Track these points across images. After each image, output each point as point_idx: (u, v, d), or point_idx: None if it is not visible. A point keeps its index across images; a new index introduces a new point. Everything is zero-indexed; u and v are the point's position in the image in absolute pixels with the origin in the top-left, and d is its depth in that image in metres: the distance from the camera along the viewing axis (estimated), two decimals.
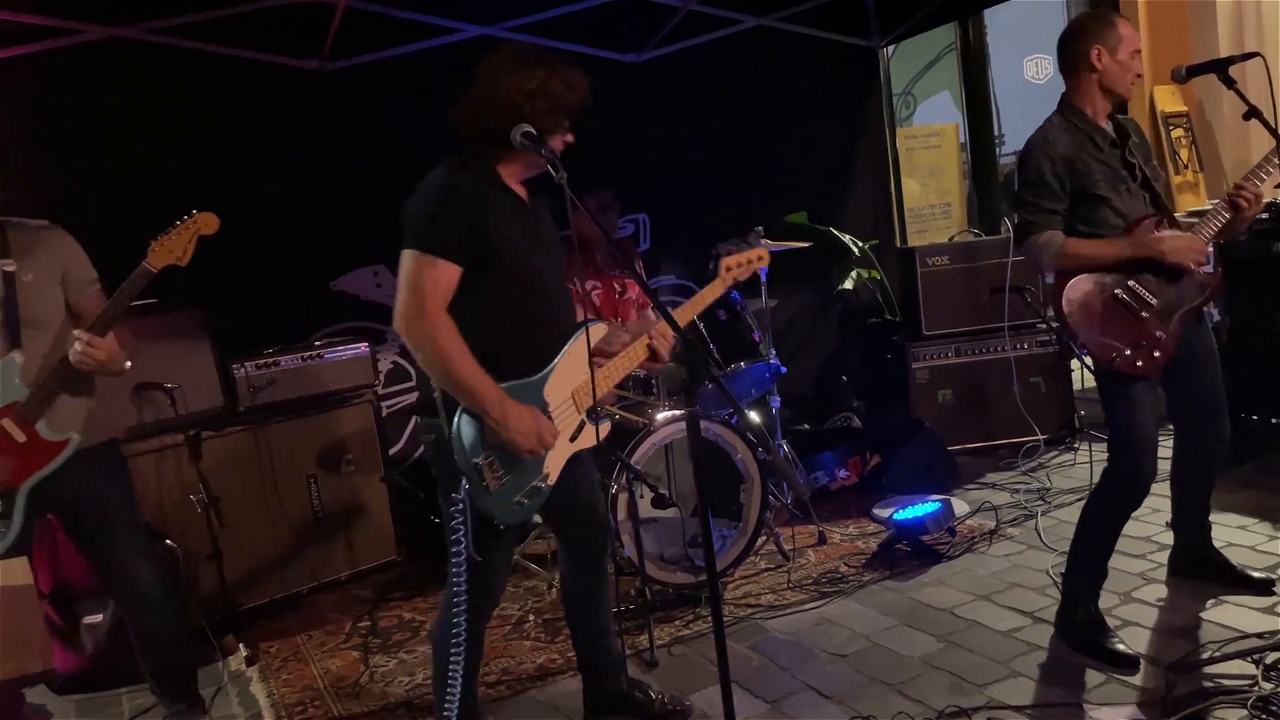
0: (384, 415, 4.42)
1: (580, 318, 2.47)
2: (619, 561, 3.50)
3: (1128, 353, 2.74)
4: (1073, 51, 2.83)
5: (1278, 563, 3.30)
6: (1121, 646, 2.80)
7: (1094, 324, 2.77)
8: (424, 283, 2.22)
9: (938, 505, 3.80)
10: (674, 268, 5.09)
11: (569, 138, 2.40)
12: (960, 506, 4.03)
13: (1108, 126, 2.86)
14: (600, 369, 2.45)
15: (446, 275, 2.24)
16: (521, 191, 2.44)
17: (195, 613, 3.39)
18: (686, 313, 2.70)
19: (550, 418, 2.37)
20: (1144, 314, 2.76)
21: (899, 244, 6.04)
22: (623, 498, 3.36)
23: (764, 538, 3.87)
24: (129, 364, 2.65)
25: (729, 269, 2.80)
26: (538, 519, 2.96)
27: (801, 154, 5.69)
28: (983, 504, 4.21)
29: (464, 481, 2.27)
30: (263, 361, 3.99)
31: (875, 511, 4.01)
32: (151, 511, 3.57)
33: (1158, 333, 2.75)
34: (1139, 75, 2.82)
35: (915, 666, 2.95)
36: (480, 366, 2.23)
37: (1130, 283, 2.76)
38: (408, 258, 2.25)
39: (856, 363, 5.77)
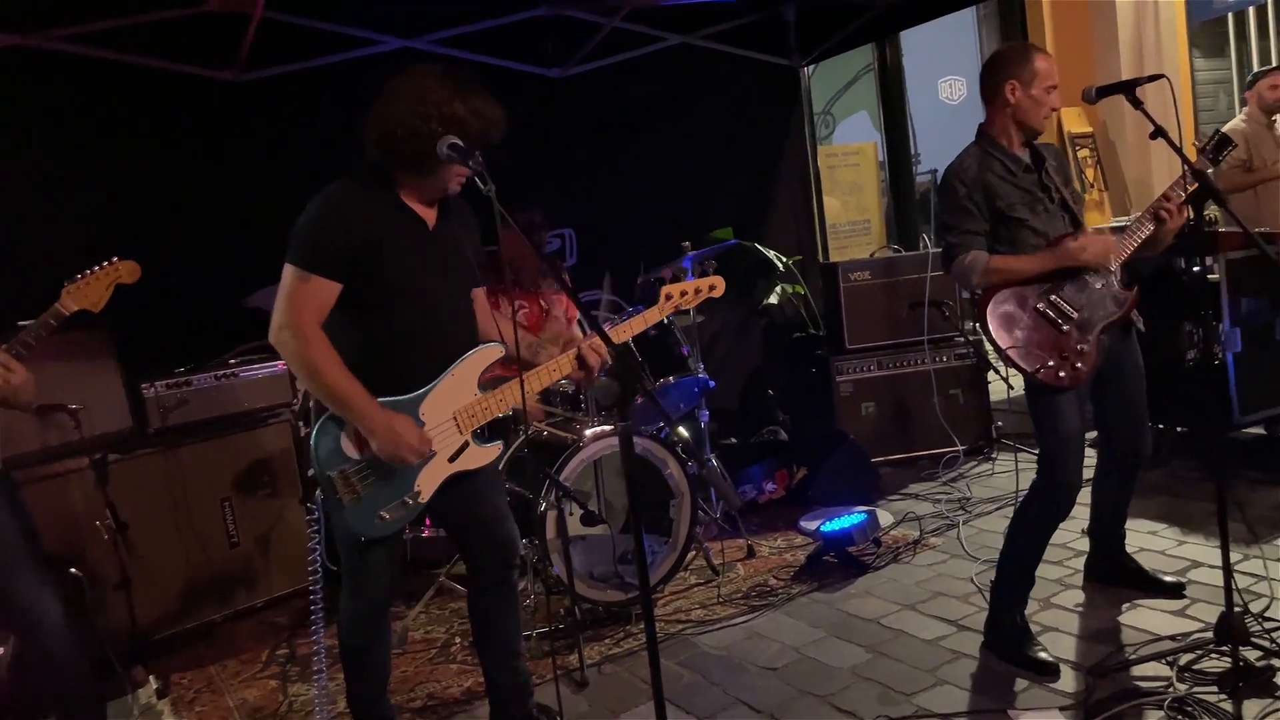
0: (303, 435, 4.29)
1: (495, 336, 2.50)
2: (548, 580, 3.45)
3: (1051, 364, 2.81)
4: (989, 84, 2.91)
5: (1187, 566, 3.42)
6: (1044, 655, 2.85)
7: (1018, 337, 2.84)
8: (297, 298, 2.26)
9: (863, 516, 3.84)
10: (601, 283, 5.07)
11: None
12: (885, 517, 4.09)
13: (1024, 154, 2.93)
14: (495, 392, 2.45)
15: (321, 292, 2.27)
16: (425, 212, 2.41)
17: (102, 644, 3.22)
18: (623, 333, 2.68)
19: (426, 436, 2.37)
20: (1065, 327, 2.83)
21: (822, 259, 6.13)
22: (552, 515, 3.32)
23: (694, 552, 3.86)
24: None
25: (669, 296, 2.79)
26: None
27: (726, 170, 5.74)
28: (906, 514, 4.28)
29: (318, 493, 2.30)
30: (174, 381, 3.84)
31: (803, 524, 4.04)
32: (55, 539, 3.38)
33: (1079, 345, 2.82)
34: (1055, 109, 2.88)
35: (844, 678, 2.97)
36: (351, 375, 2.26)
37: (1052, 297, 2.84)
38: (287, 272, 2.29)
39: (782, 376, 5.83)
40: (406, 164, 2.31)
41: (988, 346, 3.04)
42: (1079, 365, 2.81)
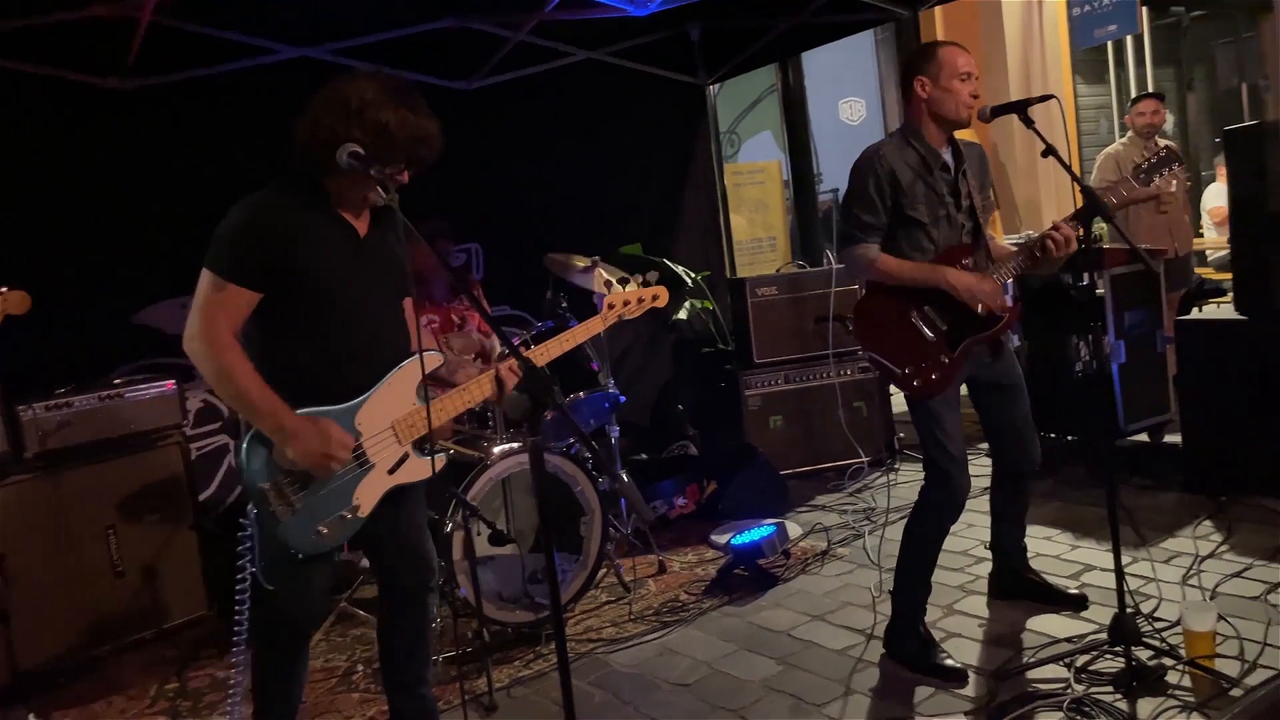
0: (193, 458, 4.11)
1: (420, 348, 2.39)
2: (454, 603, 3.37)
3: (906, 372, 2.85)
4: (905, 85, 2.98)
5: (1081, 569, 3.54)
6: (949, 661, 2.90)
7: (880, 340, 2.90)
8: (211, 305, 2.19)
9: (772, 529, 3.87)
10: (509, 298, 5.02)
11: (401, 177, 2.31)
12: (793, 529, 4.12)
13: (945, 152, 2.97)
14: (439, 399, 2.37)
15: (237, 299, 2.19)
16: (356, 220, 2.35)
17: None
18: (560, 346, 2.63)
19: (361, 447, 2.28)
20: (931, 337, 2.87)
21: (729, 275, 6.19)
22: (458, 536, 3.24)
23: (605, 570, 3.82)
24: None
25: (612, 306, 2.75)
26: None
27: (634, 186, 5.76)
28: (814, 526, 4.33)
29: (250, 507, 2.21)
30: (54, 402, 3.63)
31: (713, 538, 4.05)
32: None
33: (941, 356, 2.86)
34: (974, 96, 2.88)
35: (756, 691, 2.97)
36: (264, 383, 2.17)
37: (925, 306, 2.88)
38: (203, 277, 2.21)
39: (691, 391, 5.85)
40: (326, 171, 2.24)
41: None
42: (935, 376, 2.85)
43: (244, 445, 2.21)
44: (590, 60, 5.38)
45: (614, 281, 3.44)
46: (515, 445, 3.44)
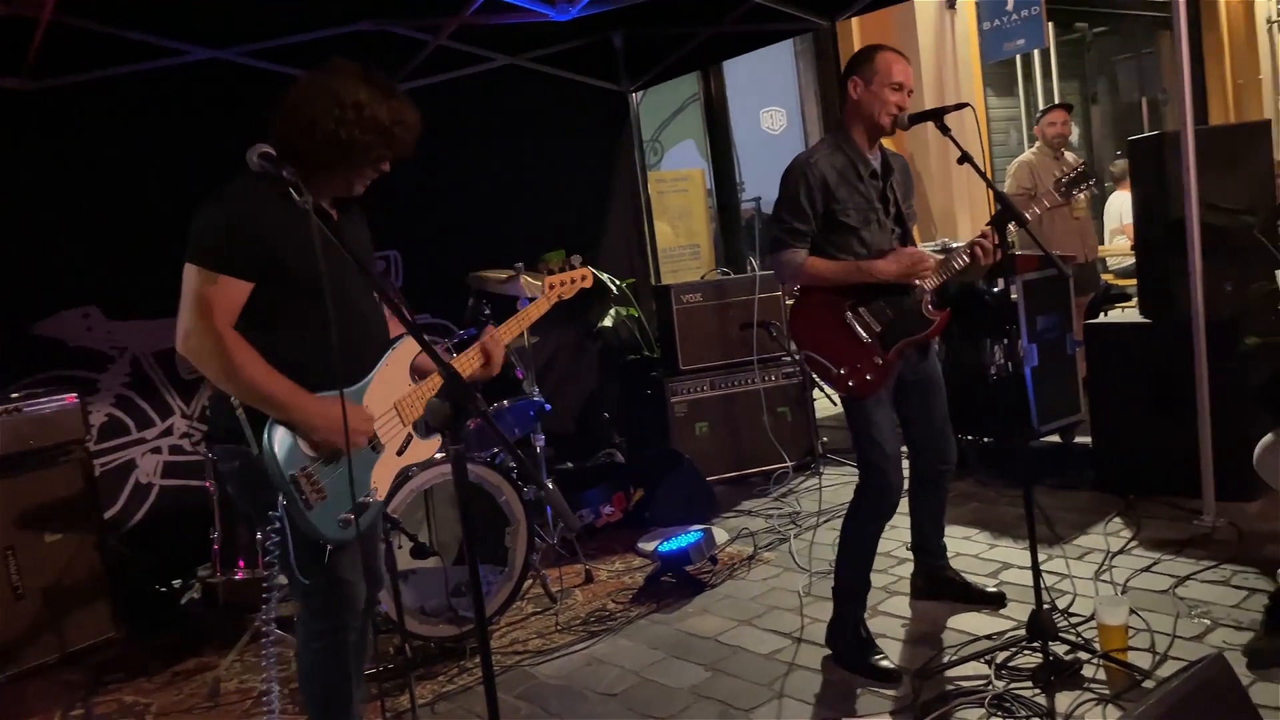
0: (97, 474, 3.93)
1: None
2: (375, 619, 3.27)
3: (841, 373, 2.90)
4: (842, 85, 3.02)
5: (999, 567, 3.63)
6: (886, 663, 2.94)
7: (817, 342, 2.94)
8: (205, 300, 2.10)
9: (699, 535, 3.87)
10: (429, 306, 4.92)
11: (384, 166, 2.32)
12: (720, 535, 4.13)
13: (874, 158, 3.03)
14: (428, 381, 2.38)
15: (230, 291, 2.12)
16: (330, 209, 2.32)
17: None
18: (511, 329, 2.59)
19: (373, 431, 2.27)
20: (866, 339, 2.93)
21: (654, 282, 6.20)
22: (379, 549, 3.15)
23: (530, 580, 3.77)
24: None
25: (552, 286, 2.76)
26: None
27: (557, 193, 5.72)
28: (741, 531, 4.35)
29: (280, 500, 2.13)
30: None
31: (640, 545, 4.03)
32: None
33: (876, 358, 2.92)
34: (900, 108, 2.93)
35: (684, 698, 2.96)
36: (273, 370, 2.13)
37: (860, 309, 2.94)
38: (189, 273, 2.12)
39: (617, 399, 5.83)
40: (314, 166, 2.19)
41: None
42: (869, 377, 2.90)
43: (268, 435, 2.13)
44: (512, 66, 5.34)
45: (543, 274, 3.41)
46: (438, 455, 3.36)
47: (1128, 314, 4.80)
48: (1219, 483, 3.74)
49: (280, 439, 2.15)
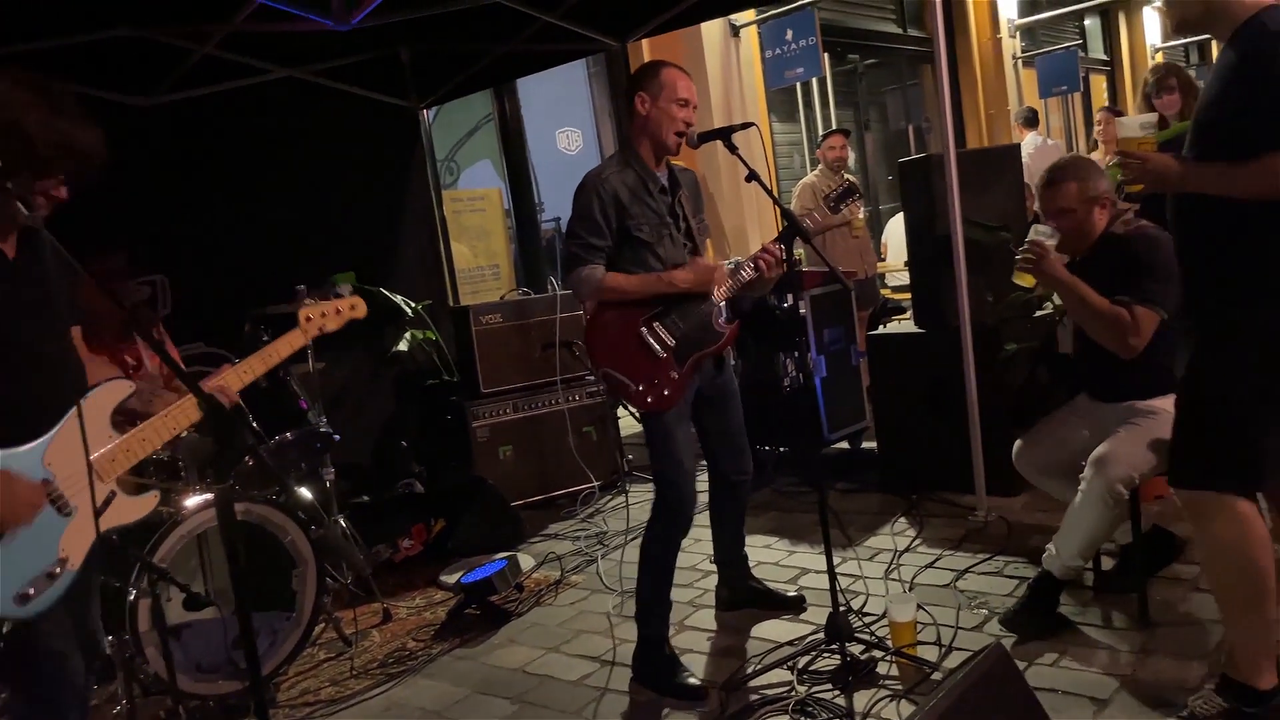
0: None
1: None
2: (144, 680, 2.96)
3: (640, 388, 2.90)
4: (628, 101, 3.00)
5: (799, 573, 3.73)
6: (692, 680, 2.92)
7: (613, 358, 2.91)
8: None
9: (503, 563, 3.75)
10: (202, 334, 4.54)
11: (59, 193, 2.02)
12: (526, 561, 4.03)
13: (662, 174, 3.03)
14: (136, 431, 2.11)
15: None
16: (3, 243, 2.02)
17: None
18: (253, 368, 2.34)
19: (58, 490, 1.98)
20: (662, 354, 2.93)
21: (452, 304, 6.03)
22: (144, 604, 2.84)
23: (322, 624, 3.53)
24: None
25: (310, 319, 2.51)
26: None
27: (346, 213, 5.46)
28: (548, 555, 4.26)
29: None
30: None
31: (442, 578, 3.87)
32: None
33: (672, 372, 2.94)
34: (688, 124, 2.95)
35: None
36: None
37: (654, 323, 2.94)
38: None
39: (416, 426, 5.61)
40: None
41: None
42: (666, 392, 2.92)
43: None
44: (292, 79, 5.06)
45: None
46: (209, 496, 3.08)
47: (904, 325, 5.10)
48: (989, 479, 4.02)
49: None
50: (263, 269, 4.62)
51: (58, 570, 1.97)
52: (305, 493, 3.83)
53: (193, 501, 3.05)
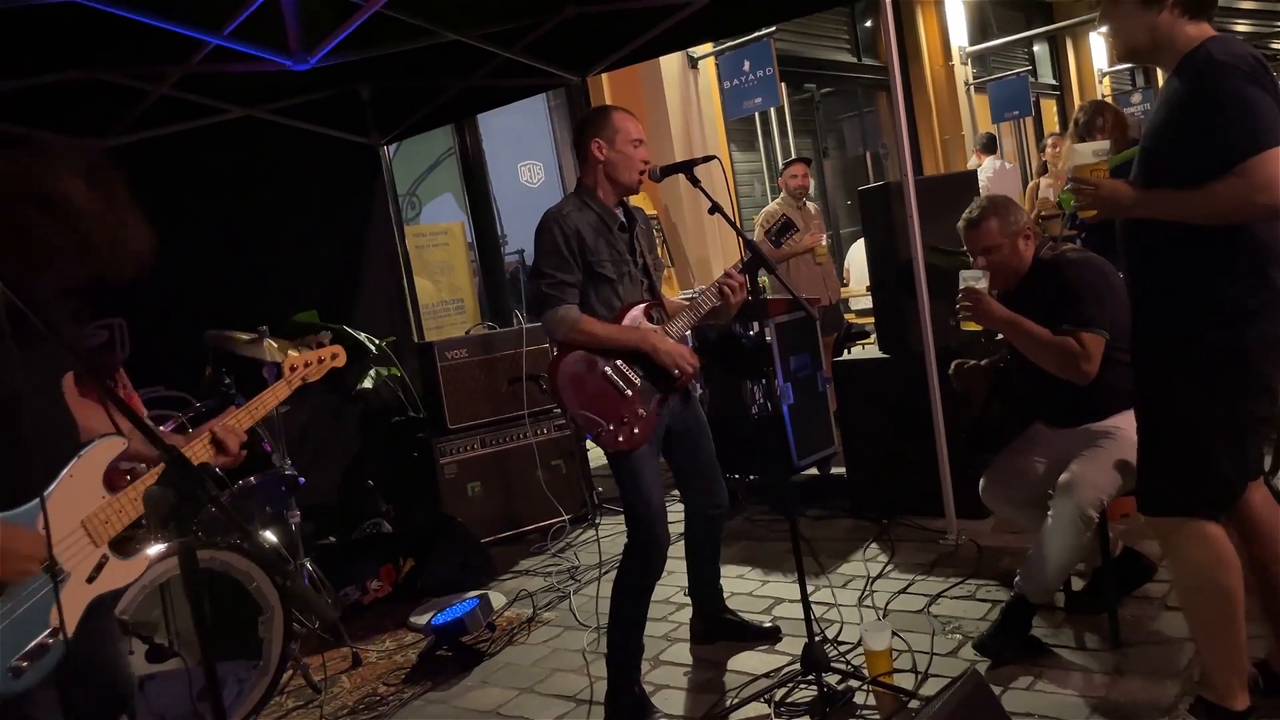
0: None
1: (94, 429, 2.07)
2: None
3: (610, 428, 2.88)
4: (580, 145, 3.02)
5: (773, 603, 3.71)
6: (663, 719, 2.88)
7: (581, 399, 2.89)
8: None
9: (474, 602, 3.70)
10: (162, 377, 4.46)
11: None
12: (498, 599, 3.98)
13: (619, 212, 3.04)
14: (129, 490, 2.04)
15: None
16: None
17: None
18: (250, 416, 2.30)
19: (51, 555, 1.88)
20: (628, 392, 2.92)
21: (417, 340, 5.98)
22: None
23: (291, 672, 3.45)
24: None
25: (294, 368, 2.48)
26: None
27: (307, 251, 5.41)
28: (519, 593, 4.21)
29: None
30: None
31: (413, 619, 3.81)
32: None
33: (640, 410, 2.92)
34: (646, 162, 2.99)
35: None
36: None
37: (618, 362, 2.93)
38: None
39: (382, 464, 5.54)
40: None
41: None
42: (636, 430, 2.90)
43: None
44: (250, 118, 5.02)
45: (289, 348, 3.15)
46: (171, 545, 3.01)
47: (869, 350, 5.14)
48: (958, 501, 4.04)
49: None
50: (225, 308, 4.55)
51: (50, 641, 1.89)
52: (270, 536, 3.77)
53: (154, 550, 2.97)
